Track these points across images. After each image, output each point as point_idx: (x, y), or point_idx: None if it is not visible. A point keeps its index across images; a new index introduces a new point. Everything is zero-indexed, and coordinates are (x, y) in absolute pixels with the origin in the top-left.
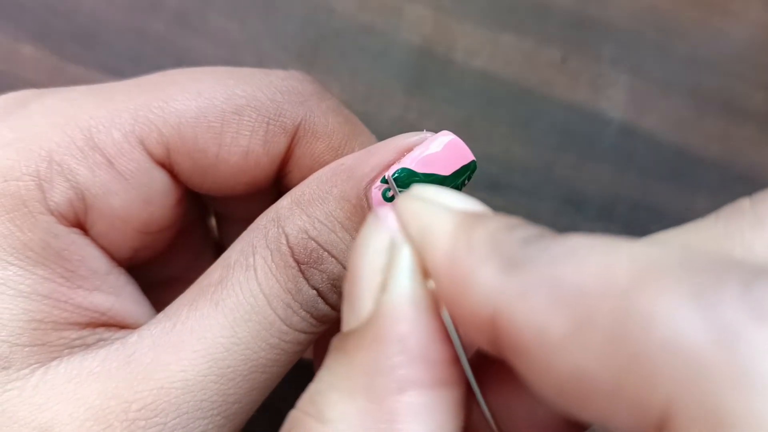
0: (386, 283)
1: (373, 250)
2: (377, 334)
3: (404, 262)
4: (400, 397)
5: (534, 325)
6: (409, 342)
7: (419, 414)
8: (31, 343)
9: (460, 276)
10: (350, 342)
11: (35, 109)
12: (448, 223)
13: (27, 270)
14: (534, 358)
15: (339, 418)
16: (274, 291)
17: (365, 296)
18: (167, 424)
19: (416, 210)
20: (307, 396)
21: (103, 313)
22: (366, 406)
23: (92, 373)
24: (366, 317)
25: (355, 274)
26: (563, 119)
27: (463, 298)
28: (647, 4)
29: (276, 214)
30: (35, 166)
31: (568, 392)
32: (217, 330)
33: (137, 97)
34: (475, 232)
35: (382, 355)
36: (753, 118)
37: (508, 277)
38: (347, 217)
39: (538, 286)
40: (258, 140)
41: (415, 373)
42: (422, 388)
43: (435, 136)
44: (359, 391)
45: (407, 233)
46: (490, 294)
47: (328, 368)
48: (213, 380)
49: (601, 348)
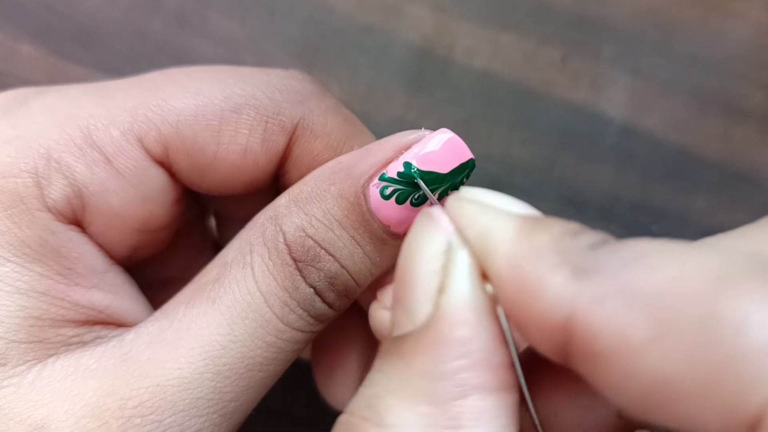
0: (444, 285)
1: (429, 252)
2: (437, 338)
3: (463, 264)
4: (463, 401)
5: (613, 331)
6: (471, 345)
7: (482, 419)
8: (28, 340)
9: (528, 282)
10: (407, 346)
11: (35, 107)
12: (509, 227)
13: (24, 267)
14: (613, 364)
15: (400, 423)
16: (271, 289)
17: (422, 299)
18: (163, 422)
19: (473, 213)
20: (361, 401)
21: (100, 311)
22: (428, 410)
23: (89, 370)
24: (424, 320)
25: (409, 276)
26: (563, 119)
27: (531, 304)
28: (647, 4)
29: (274, 212)
30: (33, 163)
31: (650, 397)
32: (213, 327)
33: (136, 96)
34: (539, 238)
35: (443, 359)
36: (753, 118)
37: (581, 284)
38: (345, 216)
39: (616, 292)
40: (256, 139)
41: (477, 377)
42: (485, 393)
43: (433, 134)
44: (420, 395)
45: (464, 236)
46: (563, 300)
47: (383, 372)
48: (209, 378)
49: (689, 352)
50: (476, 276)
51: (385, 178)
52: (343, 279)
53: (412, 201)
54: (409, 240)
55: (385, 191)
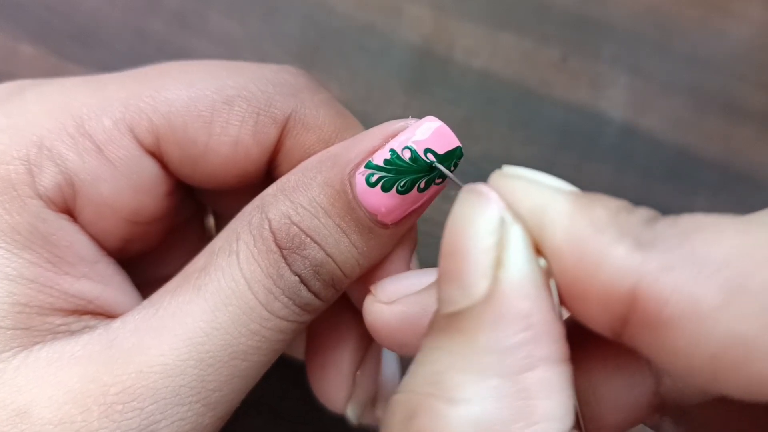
0: (502, 260)
1: (482, 228)
2: (501, 312)
3: (518, 239)
4: (531, 373)
5: (683, 297)
6: (533, 318)
7: (551, 389)
8: (14, 327)
9: (591, 255)
10: (466, 321)
11: (29, 97)
12: (564, 202)
13: (13, 253)
14: (682, 330)
15: (471, 397)
16: (256, 276)
17: (478, 274)
18: (144, 409)
19: (522, 189)
20: (423, 378)
21: (89, 301)
22: (498, 383)
23: (73, 357)
24: (482, 295)
25: (462, 251)
26: (563, 119)
27: (594, 276)
28: (647, 4)
29: (261, 201)
30: (26, 150)
31: (720, 360)
32: (197, 314)
33: (129, 87)
34: (597, 212)
35: (508, 332)
36: (753, 118)
37: (646, 255)
38: (330, 203)
39: (683, 261)
40: (248, 130)
41: (542, 349)
42: (550, 364)
43: (420, 122)
44: (488, 369)
45: (516, 212)
46: (627, 271)
47: (443, 349)
48: (192, 365)
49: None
50: (531, 250)
51: (371, 165)
52: (329, 268)
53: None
54: (458, 216)
55: (371, 179)
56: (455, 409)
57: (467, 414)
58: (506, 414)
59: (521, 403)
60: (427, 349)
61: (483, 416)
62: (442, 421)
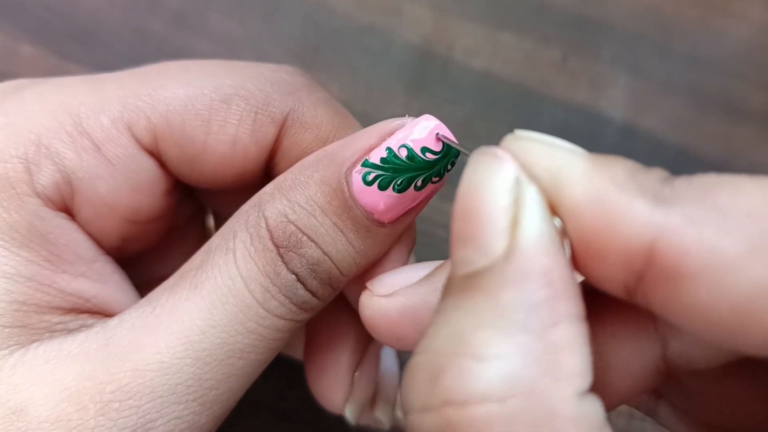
0: (519, 219)
1: (498, 188)
2: (521, 269)
3: (534, 199)
4: (555, 329)
5: (707, 248)
6: (553, 275)
7: (574, 346)
8: (12, 325)
9: (611, 210)
10: (487, 280)
11: (27, 95)
12: (580, 162)
13: (11, 251)
14: (706, 281)
15: (499, 353)
16: (252, 274)
17: (496, 233)
18: (141, 407)
19: (537, 150)
20: (447, 337)
21: (87, 299)
22: (525, 339)
23: (70, 355)
24: (501, 254)
25: (477, 212)
26: (563, 119)
27: (613, 231)
28: (647, 4)
29: (258, 199)
30: (24, 149)
31: (743, 311)
32: (194, 312)
33: (127, 86)
34: (615, 170)
35: (531, 289)
36: (753, 118)
37: (666, 209)
38: (327, 202)
39: (704, 214)
40: (246, 129)
41: (563, 306)
42: (571, 321)
43: (417, 121)
44: (514, 325)
45: (530, 172)
46: (648, 225)
47: (464, 309)
48: (189, 363)
49: None
50: (547, 210)
51: (368, 164)
52: (326, 266)
53: (394, 187)
54: (472, 178)
55: (368, 177)
56: (483, 365)
57: (496, 370)
58: (534, 369)
59: (548, 358)
60: (446, 311)
61: (512, 372)
62: (471, 378)
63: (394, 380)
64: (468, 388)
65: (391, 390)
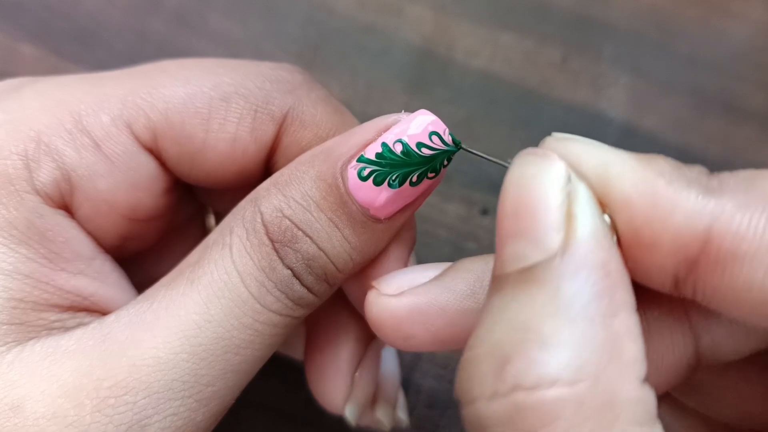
0: (573, 214)
1: (551, 185)
2: (579, 261)
3: (586, 195)
4: (615, 319)
5: (760, 231)
6: (609, 266)
7: (633, 334)
8: (9, 322)
9: (663, 201)
10: (546, 273)
11: (27, 93)
12: (628, 159)
13: (10, 248)
14: (761, 262)
15: (564, 341)
16: (248, 269)
17: (552, 228)
18: (137, 403)
19: (583, 149)
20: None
21: (85, 297)
22: (588, 329)
23: (67, 351)
24: (557, 248)
25: (531, 208)
26: (563, 119)
27: (666, 221)
28: (647, 4)
29: (254, 195)
30: (23, 146)
31: None
32: (190, 307)
33: (127, 84)
34: (661, 165)
35: (590, 280)
36: (753, 118)
37: (717, 198)
38: (323, 197)
39: (755, 200)
40: (245, 127)
41: (621, 296)
42: (629, 310)
43: (413, 116)
44: (577, 315)
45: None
46: (702, 213)
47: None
48: (185, 359)
49: None
50: (598, 205)
51: (364, 159)
52: (321, 262)
53: (389, 182)
54: (522, 176)
55: (363, 172)
56: (551, 352)
57: (564, 356)
58: (600, 357)
59: (611, 345)
60: (502, 304)
61: (579, 359)
62: (541, 364)
63: (395, 380)
64: (539, 373)
65: (392, 390)
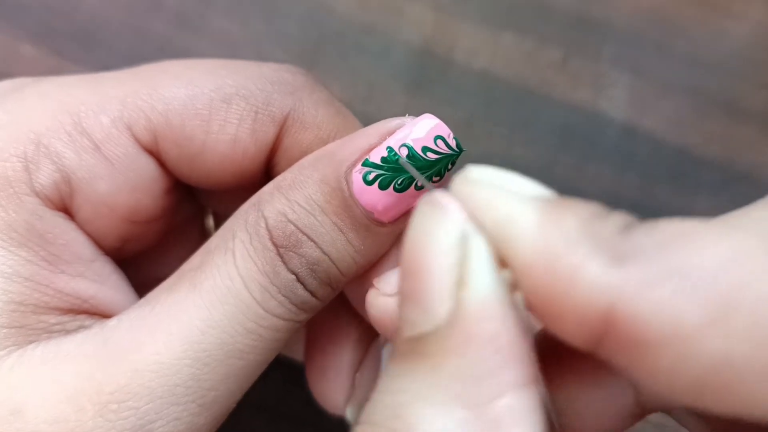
0: (464, 279)
1: (442, 244)
2: (465, 336)
3: (481, 254)
4: (500, 401)
5: (666, 317)
6: (500, 341)
7: (521, 417)
8: (9, 325)
9: (563, 271)
10: (430, 346)
11: (27, 94)
12: (531, 212)
13: (9, 251)
14: (665, 351)
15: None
16: (252, 274)
17: (440, 295)
18: (140, 409)
19: (486, 197)
20: (384, 410)
21: (85, 300)
22: (465, 415)
23: (68, 356)
24: (445, 318)
25: (422, 271)
26: (564, 119)
27: (567, 294)
28: (648, 4)
29: (257, 199)
30: (23, 148)
31: (706, 381)
32: (193, 312)
33: (127, 85)
34: (567, 222)
35: (475, 358)
36: (753, 118)
37: (622, 270)
38: (327, 201)
39: (663, 276)
40: (246, 129)
41: (511, 373)
42: (519, 388)
43: (417, 120)
44: (455, 399)
45: (479, 223)
46: (603, 289)
47: (406, 377)
48: (188, 364)
49: (752, 332)
50: (494, 265)
51: (368, 163)
52: (325, 266)
53: (395, 186)
54: (416, 231)
55: (368, 176)
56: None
57: None
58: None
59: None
60: (390, 376)
61: None
62: None
63: None
64: None
65: None
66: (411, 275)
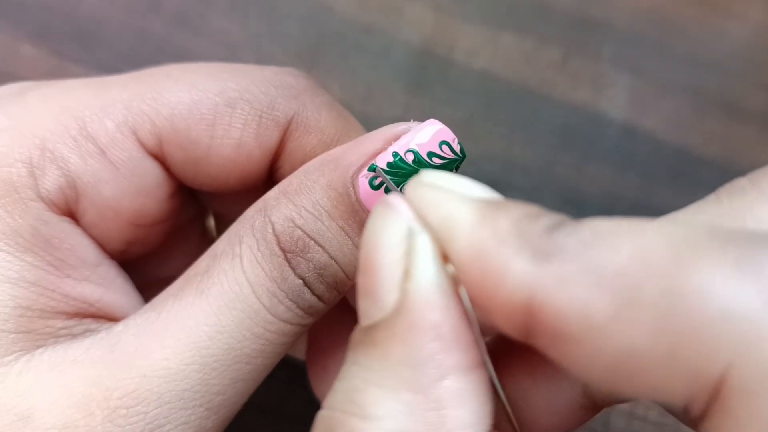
0: (409, 271)
1: (391, 240)
2: (410, 324)
3: (426, 249)
4: (442, 383)
5: (577, 310)
6: (442, 328)
7: (463, 398)
8: (17, 330)
9: (491, 267)
10: (379, 334)
11: (31, 98)
12: (469, 212)
13: (15, 256)
14: (578, 342)
15: (385, 413)
16: (259, 279)
17: (388, 286)
18: (149, 414)
19: (433, 199)
20: (341, 395)
21: (91, 304)
22: (411, 398)
23: (76, 361)
24: (392, 308)
25: (373, 264)
26: (563, 119)
27: (494, 288)
28: (648, 4)
29: (263, 204)
30: (28, 153)
31: (616, 371)
32: (201, 318)
33: (131, 89)
34: (500, 222)
35: (418, 344)
36: (753, 118)
37: (543, 267)
38: (333, 206)
39: (577, 273)
40: (250, 133)
41: (452, 358)
42: (461, 372)
43: (422, 125)
44: (401, 383)
45: (425, 222)
46: (525, 284)
47: (359, 364)
48: (196, 369)
49: (652, 324)
50: (439, 259)
51: (375, 168)
52: (332, 270)
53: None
54: (369, 229)
55: (374, 182)
56: (369, 425)
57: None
58: (419, 428)
59: (433, 415)
60: (347, 364)
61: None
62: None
63: None
64: None
65: None
66: (365, 270)
